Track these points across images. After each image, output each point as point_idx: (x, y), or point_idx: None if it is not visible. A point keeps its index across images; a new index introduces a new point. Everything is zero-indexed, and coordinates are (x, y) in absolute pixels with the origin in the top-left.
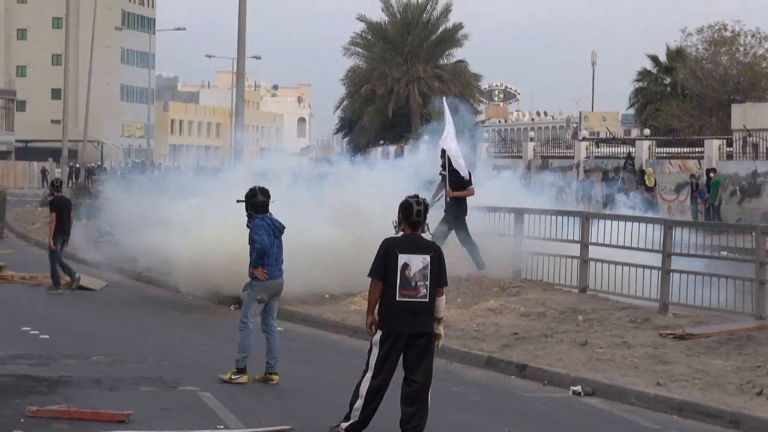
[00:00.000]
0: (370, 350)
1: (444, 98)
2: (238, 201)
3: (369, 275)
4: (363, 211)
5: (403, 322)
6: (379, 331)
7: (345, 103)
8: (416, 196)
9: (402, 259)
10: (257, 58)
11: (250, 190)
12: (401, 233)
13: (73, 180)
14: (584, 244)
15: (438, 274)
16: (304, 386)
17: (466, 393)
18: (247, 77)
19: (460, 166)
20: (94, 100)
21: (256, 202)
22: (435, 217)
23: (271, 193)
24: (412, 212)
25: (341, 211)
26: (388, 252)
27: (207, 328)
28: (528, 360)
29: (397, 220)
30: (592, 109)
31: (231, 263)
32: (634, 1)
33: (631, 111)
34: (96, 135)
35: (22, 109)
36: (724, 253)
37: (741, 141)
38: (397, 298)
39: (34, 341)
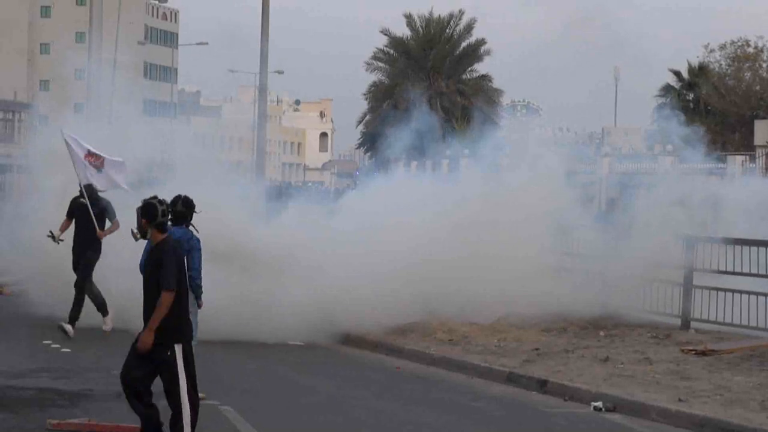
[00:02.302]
0: (175, 366)
1: (62, 130)
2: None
3: (169, 288)
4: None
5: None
6: (179, 345)
7: (367, 117)
8: (155, 197)
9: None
10: (280, 72)
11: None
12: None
13: None
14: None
15: None
16: (326, 401)
17: (487, 408)
18: (270, 92)
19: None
20: (116, 114)
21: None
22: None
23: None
24: (158, 213)
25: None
26: (182, 257)
27: (229, 345)
28: (549, 375)
29: (138, 227)
30: (615, 125)
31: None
32: (657, 17)
33: (654, 127)
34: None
35: (45, 123)
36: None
37: (764, 157)
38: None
39: (55, 354)
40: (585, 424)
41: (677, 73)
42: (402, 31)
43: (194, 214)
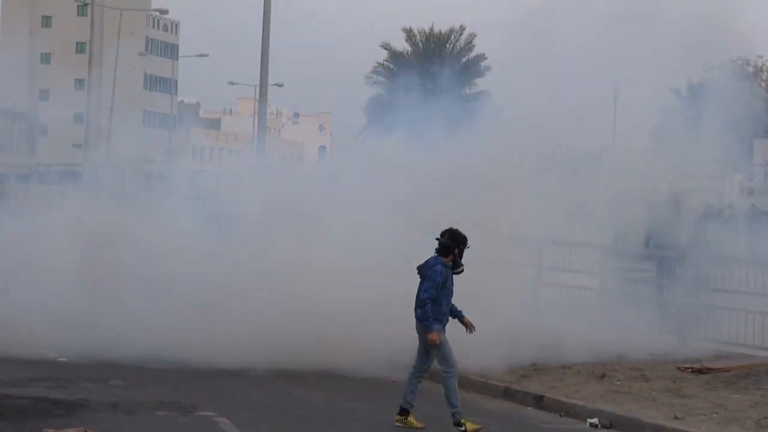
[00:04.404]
0: None
1: None
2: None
3: None
4: None
5: None
6: None
7: (366, 131)
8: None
9: None
10: (279, 85)
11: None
12: None
13: None
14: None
15: None
16: (322, 413)
17: (483, 423)
18: (269, 104)
19: None
20: (115, 124)
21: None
22: None
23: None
24: None
25: None
26: None
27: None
28: (545, 391)
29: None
30: (613, 142)
31: None
32: (656, 34)
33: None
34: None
35: (44, 132)
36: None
37: (762, 176)
38: None
39: (52, 364)
40: None
41: (677, 92)
42: (402, 45)
43: (464, 248)
